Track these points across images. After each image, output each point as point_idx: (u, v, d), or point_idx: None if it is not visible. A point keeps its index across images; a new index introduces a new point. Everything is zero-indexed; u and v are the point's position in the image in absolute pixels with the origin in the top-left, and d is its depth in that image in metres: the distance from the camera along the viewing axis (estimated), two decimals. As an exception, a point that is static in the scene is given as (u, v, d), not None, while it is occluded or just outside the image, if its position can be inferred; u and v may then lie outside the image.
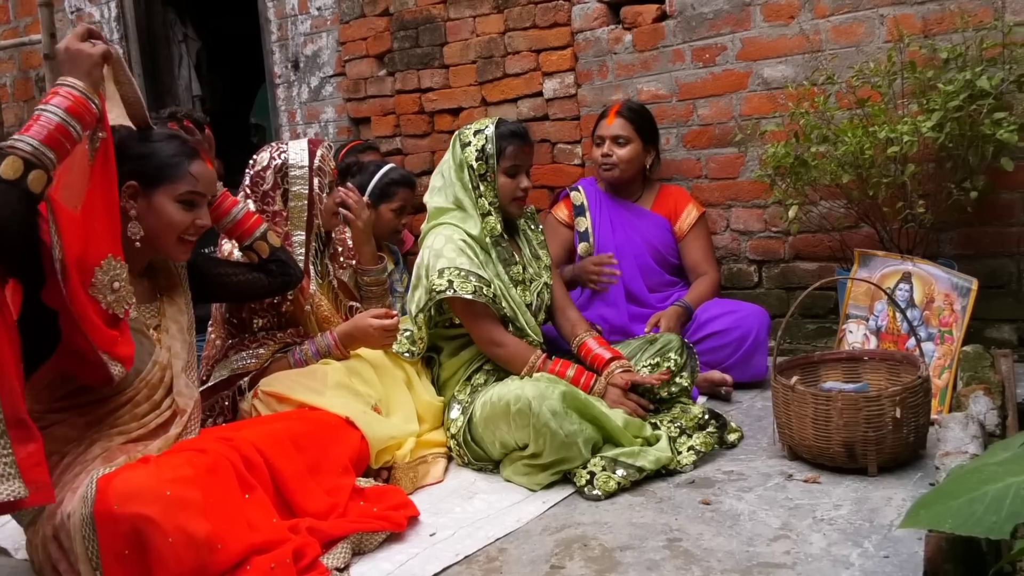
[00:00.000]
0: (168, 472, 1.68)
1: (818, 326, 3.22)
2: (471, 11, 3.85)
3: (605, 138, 3.11)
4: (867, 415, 2.06)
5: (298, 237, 2.43)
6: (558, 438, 2.14)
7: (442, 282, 2.39)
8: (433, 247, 2.46)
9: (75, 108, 1.66)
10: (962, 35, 2.69)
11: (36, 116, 1.63)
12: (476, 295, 2.38)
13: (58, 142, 1.61)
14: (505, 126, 2.55)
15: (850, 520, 1.89)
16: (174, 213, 1.95)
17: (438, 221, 2.54)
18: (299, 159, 2.45)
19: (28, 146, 1.57)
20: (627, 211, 3.17)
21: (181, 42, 5.37)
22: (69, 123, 1.64)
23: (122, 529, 1.61)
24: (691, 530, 1.91)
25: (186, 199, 1.97)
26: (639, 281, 3.09)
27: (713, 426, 2.36)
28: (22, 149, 1.56)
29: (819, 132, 2.78)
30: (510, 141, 2.52)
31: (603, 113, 3.20)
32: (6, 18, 5.74)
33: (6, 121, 5.62)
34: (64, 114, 1.64)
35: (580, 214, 3.16)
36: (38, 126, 1.61)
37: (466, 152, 2.53)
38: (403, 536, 1.98)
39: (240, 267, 2.27)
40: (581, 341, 2.57)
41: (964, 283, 2.52)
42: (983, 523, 1.20)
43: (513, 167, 2.52)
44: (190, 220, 1.97)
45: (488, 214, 2.52)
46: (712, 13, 3.27)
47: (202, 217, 2.00)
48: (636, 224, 3.14)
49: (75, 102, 1.66)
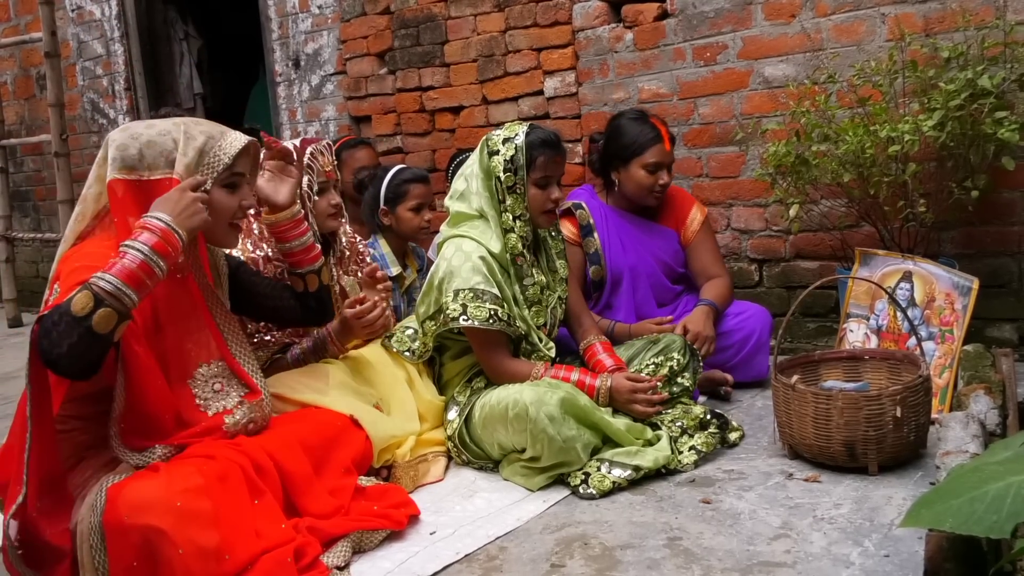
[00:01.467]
0: (179, 482, 1.67)
1: (819, 325, 3.22)
2: (472, 9, 3.85)
3: (663, 165, 2.84)
4: (868, 414, 2.06)
5: None
6: (556, 443, 2.13)
7: (456, 307, 2.32)
8: (451, 263, 2.36)
9: (161, 245, 1.68)
10: (963, 34, 2.69)
11: (122, 253, 1.65)
12: (489, 322, 2.31)
13: (139, 281, 1.63)
14: (536, 134, 2.41)
15: (850, 519, 1.89)
16: (220, 199, 1.88)
17: (458, 232, 2.43)
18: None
19: (109, 284, 1.60)
20: (635, 227, 2.97)
21: (182, 40, 5.37)
22: (153, 261, 1.66)
23: (132, 540, 1.61)
24: (691, 529, 1.91)
25: (229, 182, 1.90)
26: (651, 302, 2.96)
27: (714, 426, 2.35)
28: (100, 287, 1.59)
29: (820, 131, 2.78)
30: (541, 151, 2.38)
31: (646, 136, 2.82)
32: (7, 16, 5.75)
33: (7, 119, 5.63)
34: (150, 251, 1.66)
35: (588, 234, 2.91)
36: (121, 264, 1.63)
37: (494, 162, 2.40)
38: (403, 534, 1.98)
39: (281, 291, 2.19)
40: (588, 344, 2.56)
41: (965, 282, 2.52)
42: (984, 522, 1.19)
43: (544, 178, 2.40)
44: (236, 203, 1.91)
45: (511, 230, 2.41)
46: (713, 12, 3.26)
47: (247, 198, 1.94)
48: (646, 242, 2.96)
49: (162, 237, 1.69)
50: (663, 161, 2.84)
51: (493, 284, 2.35)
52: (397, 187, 2.99)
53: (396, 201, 2.98)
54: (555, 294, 2.55)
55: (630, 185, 2.88)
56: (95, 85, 5.35)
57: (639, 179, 2.85)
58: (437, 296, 2.39)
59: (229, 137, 1.90)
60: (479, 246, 2.39)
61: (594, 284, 2.92)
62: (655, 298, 2.98)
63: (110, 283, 1.60)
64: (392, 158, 4.09)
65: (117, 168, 1.81)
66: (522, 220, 2.43)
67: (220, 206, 1.88)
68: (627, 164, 2.86)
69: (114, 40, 5.19)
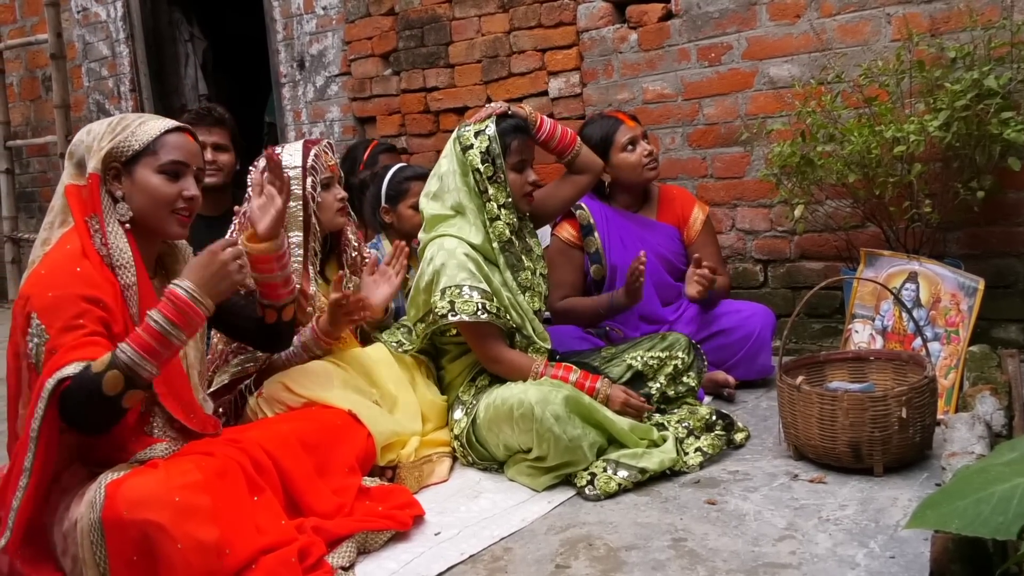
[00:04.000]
0: (177, 478, 1.68)
1: (824, 326, 3.21)
2: (476, 10, 3.85)
3: (637, 138, 2.88)
4: (873, 415, 2.05)
5: (295, 237, 2.41)
6: (562, 443, 2.13)
7: (444, 304, 2.33)
8: (435, 263, 2.37)
9: (179, 317, 1.72)
10: (970, 34, 2.68)
11: (145, 325, 1.71)
12: (477, 314, 2.32)
13: (155, 352, 1.69)
14: (506, 122, 2.46)
15: (856, 520, 1.88)
16: (159, 185, 1.87)
17: (437, 233, 2.45)
18: (291, 160, 2.43)
19: (128, 358, 1.66)
20: (635, 225, 2.98)
21: (187, 41, 5.38)
22: (172, 334, 1.71)
23: (131, 535, 1.61)
24: (696, 530, 1.91)
25: (169, 169, 1.89)
26: (654, 300, 2.95)
27: (720, 427, 2.35)
28: (123, 361, 1.65)
29: (825, 131, 2.77)
30: (514, 136, 2.44)
31: (607, 126, 2.90)
32: (13, 18, 5.76)
33: (13, 121, 5.65)
34: (167, 323, 1.71)
35: (588, 234, 2.91)
36: (140, 334, 1.69)
37: (469, 155, 2.43)
38: (408, 535, 1.98)
39: (246, 310, 2.16)
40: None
41: (971, 283, 2.51)
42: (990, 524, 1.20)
43: (520, 162, 2.46)
44: (176, 191, 1.89)
45: (497, 218, 2.45)
46: (718, 12, 3.26)
47: (189, 188, 1.92)
48: (647, 239, 2.96)
49: (182, 307, 1.73)
50: (635, 135, 2.89)
51: (480, 279, 2.36)
52: (398, 185, 3.00)
53: (397, 199, 2.99)
54: (538, 269, 2.56)
55: (623, 172, 2.91)
56: (101, 86, 5.37)
57: (624, 161, 2.88)
58: (425, 298, 2.40)
59: (149, 124, 1.91)
60: (460, 241, 2.40)
61: (595, 283, 2.93)
62: (658, 296, 2.97)
63: (132, 359, 1.66)
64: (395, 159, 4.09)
65: (69, 175, 1.90)
66: (507, 208, 2.46)
67: (158, 192, 1.88)
68: (608, 157, 2.88)
69: (119, 41, 5.20)
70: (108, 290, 1.79)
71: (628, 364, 2.49)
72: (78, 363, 1.66)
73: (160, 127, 1.91)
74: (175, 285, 1.76)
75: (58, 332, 1.70)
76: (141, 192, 1.88)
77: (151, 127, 1.90)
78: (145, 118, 1.94)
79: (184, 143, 1.93)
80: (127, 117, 1.93)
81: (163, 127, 1.91)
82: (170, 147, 1.90)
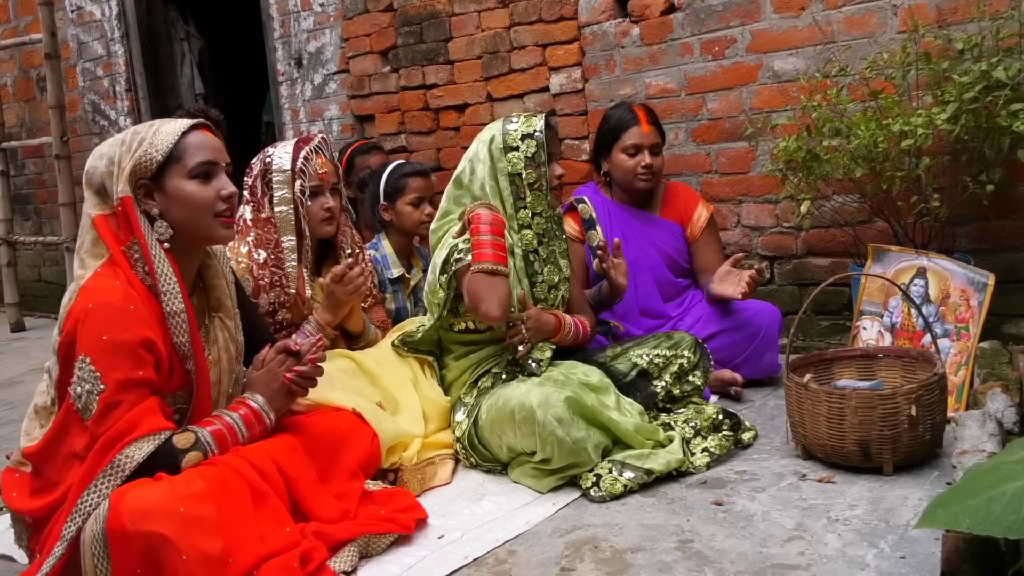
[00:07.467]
0: (181, 488, 1.66)
1: (831, 323, 3.18)
2: (476, 6, 3.82)
3: (643, 147, 2.86)
4: (882, 413, 2.03)
5: (288, 242, 2.38)
6: (566, 445, 2.10)
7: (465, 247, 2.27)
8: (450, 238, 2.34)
9: (249, 418, 1.90)
10: (978, 25, 2.65)
11: (221, 416, 1.88)
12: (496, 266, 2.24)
13: (225, 444, 1.84)
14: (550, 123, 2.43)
15: (865, 520, 1.86)
16: (195, 191, 1.82)
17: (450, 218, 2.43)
18: (281, 163, 2.40)
19: (206, 444, 1.81)
20: (638, 220, 2.98)
21: (183, 40, 5.35)
22: (240, 429, 1.89)
23: (135, 547, 1.59)
24: (703, 531, 1.88)
25: (200, 172, 1.84)
26: (656, 296, 2.95)
27: (727, 426, 2.32)
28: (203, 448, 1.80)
29: (831, 125, 2.74)
30: (556, 140, 2.46)
31: (624, 120, 2.91)
32: (6, 17, 5.74)
33: (7, 122, 5.62)
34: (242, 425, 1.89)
35: (590, 228, 2.92)
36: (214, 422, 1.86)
37: (513, 158, 2.38)
38: (411, 539, 1.96)
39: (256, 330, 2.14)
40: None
41: (980, 278, 2.48)
42: (1002, 522, 1.18)
43: (548, 155, 2.41)
44: (214, 194, 1.84)
45: (527, 226, 2.41)
46: (721, 5, 3.22)
47: (225, 186, 1.87)
48: (649, 235, 2.97)
49: (251, 414, 1.91)
50: (642, 143, 2.87)
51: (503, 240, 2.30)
52: (396, 181, 2.97)
53: (395, 195, 2.95)
54: (559, 292, 2.53)
55: (617, 172, 2.94)
56: (96, 86, 5.34)
57: (621, 163, 2.90)
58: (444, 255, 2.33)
59: (163, 130, 1.85)
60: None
61: (597, 277, 2.91)
62: (660, 292, 2.97)
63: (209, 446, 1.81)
64: (396, 157, 4.05)
65: (92, 204, 1.85)
66: (542, 216, 2.42)
67: (196, 198, 1.83)
68: (611, 151, 2.91)
69: (114, 41, 5.16)
70: (156, 326, 1.77)
71: (633, 362, 2.48)
72: (152, 438, 1.72)
73: (176, 130, 1.85)
74: (249, 397, 1.93)
75: (117, 386, 1.70)
76: (178, 203, 1.82)
77: (166, 132, 1.84)
78: (156, 124, 1.87)
79: (206, 141, 1.87)
80: (137, 130, 1.86)
81: (179, 129, 1.85)
82: (194, 148, 1.84)
